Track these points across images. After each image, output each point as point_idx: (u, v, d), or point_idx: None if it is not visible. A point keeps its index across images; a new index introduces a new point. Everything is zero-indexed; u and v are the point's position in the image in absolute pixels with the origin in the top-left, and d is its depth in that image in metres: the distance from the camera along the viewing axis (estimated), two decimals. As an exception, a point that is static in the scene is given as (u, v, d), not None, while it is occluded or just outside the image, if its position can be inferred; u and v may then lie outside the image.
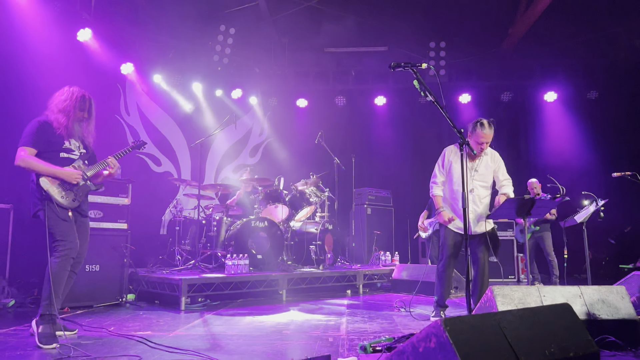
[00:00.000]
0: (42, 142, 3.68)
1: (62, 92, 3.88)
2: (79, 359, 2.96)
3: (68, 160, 3.80)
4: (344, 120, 9.99)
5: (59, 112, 3.79)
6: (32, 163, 3.62)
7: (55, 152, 3.74)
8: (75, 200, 3.77)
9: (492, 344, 2.10)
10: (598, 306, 3.31)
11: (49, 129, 3.74)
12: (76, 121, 3.85)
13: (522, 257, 8.67)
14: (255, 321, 4.51)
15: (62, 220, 3.66)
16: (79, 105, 3.85)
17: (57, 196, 3.66)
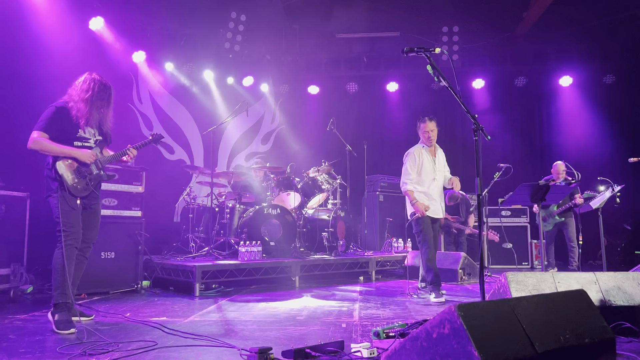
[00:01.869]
0: (55, 129, 3.67)
1: (83, 80, 3.85)
2: (96, 344, 3.01)
3: (82, 148, 3.80)
4: (355, 107, 9.94)
5: (79, 101, 3.76)
6: (44, 144, 3.60)
7: (69, 141, 3.73)
8: (86, 189, 3.75)
9: (506, 330, 2.09)
10: (613, 292, 3.28)
11: (65, 116, 3.72)
12: (95, 109, 3.82)
13: (537, 244, 8.61)
14: (269, 307, 4.54)
15: (71, 209, 3.66)
16: (99, 94, 3.82)
17: (70, 182, 3.65)
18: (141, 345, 3.01)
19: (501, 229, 8.18)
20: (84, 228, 3.81)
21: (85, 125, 3.79)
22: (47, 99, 6.27)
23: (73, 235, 3.68)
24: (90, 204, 3.87)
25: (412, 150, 5.24)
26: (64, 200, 3.63)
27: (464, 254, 6.72)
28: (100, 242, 5.27)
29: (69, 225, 3.65)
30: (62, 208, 3.62)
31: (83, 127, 3.79)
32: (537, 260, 8.58)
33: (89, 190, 3.78)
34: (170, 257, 6.30)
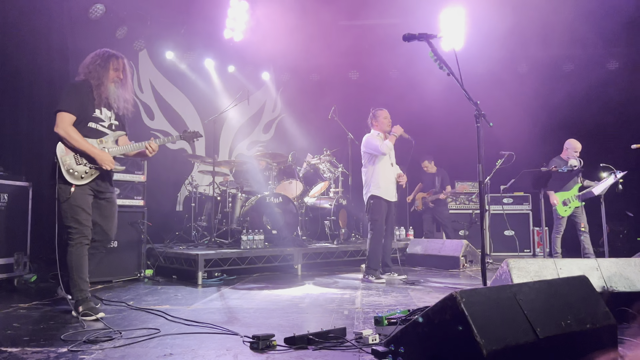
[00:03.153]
0: (78, 107, 3.48)
1: (94, 54, 3.66)
2: (100, 331, 3.03)
3: (96, 132, 3.59)
4: (357, 95, 9.89)
5: (89, 74, 3.57)
6: (72, 135, 3.43)
7: (85, 120, 3.53)
8: (84, 177, 3.51)
9: (508, 316, 2.10)
10: (615, 279, 3.28)
11: (83, 92, 3.53)
12: (110, 82, 3.61)
13: (539, 231, 8.62)
14: (272, 295, 4.56)
15: (73, 202, 3.46)
16: (111, 65, 3.61)
17: (66, 167, 3.44)
18: (144, 332, 3.02)
19: (503, 216, 8.18)
20: (100, 218, 3.66)
21: (99, 103, 3.59)
22: (48, 89, 6.28)
23: (83, 230, 3.51)
24: (100, 193, 3.66)
25: (372, 136, 5.60)
26: (60, 190, 3.46)
27: (465, 241, 6.74)
28: (102, 231, 5.31)
29: (77, 221, 3.49)
30: (66, 201, 3.46)
31: (98, 106, 3.59)
32: (539, 247, 8.59)
33: (85, 180, 3.53)
34: (173, 246, 6.33)
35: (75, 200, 3.49)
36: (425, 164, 8.53)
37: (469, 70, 8.98)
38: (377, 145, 5.47)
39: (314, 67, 9.89)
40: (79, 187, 3.51)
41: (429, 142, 8.72)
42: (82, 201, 3.53)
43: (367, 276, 5.45)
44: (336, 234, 7.07)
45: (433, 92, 8.86)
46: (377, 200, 5.48)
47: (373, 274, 5.40)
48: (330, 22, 9.19)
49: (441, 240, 7.31)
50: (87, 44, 6.76)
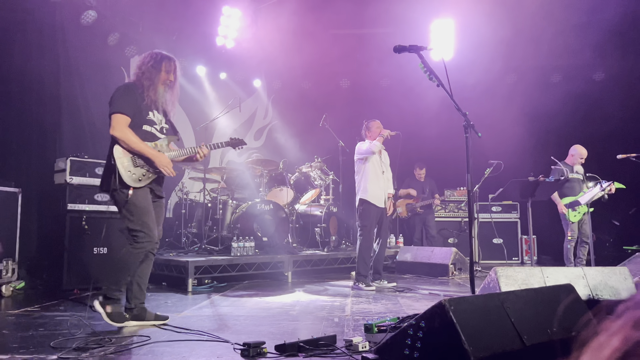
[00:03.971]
0: (133, 109, 3.39)
1: (146, 56, 3.59)
2: (90, 338, 3.02)
3: (151, 135, 3.52)
4: (348, 103, 9.96)
5: (142, 76, 3.49)
6: (130, 137, 3.33)
7: (139, 123, 3.45)
8: (142, 179, 3.42)
9: (496, 324, 2.14)
10: (601, 287, 3.34)
11: (135, 94, 3.45)
12: (161, 85, 3.54)
13: (527, 239, 8.70)
14: (262, 302, 4.57)
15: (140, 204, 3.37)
16: (164, 67, 3.53)
17: (124, 170, 3.34)
18: (134, 340, 3.02)
19: (492, 224, 8.26)
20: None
21: (152, 106, 3.52)
22: (38, 95, 6.26)
23: (151, 236, 3.43)
24: (155, 196, 3.61)
25: (363, 143, 5.69)
26: (118, 194, 3.35)
27: (454, 249, 6.80)
28: (93, 238, 5.29)
29: (142, 224, 3.38)
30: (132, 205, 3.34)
31: (151, 108, 3.52)
32: (527, 255, 8.67)
33: (143, 183, 3.43)
34: (163, 253, 6.30)
35: (139, 201, 3.40)
36: (418, 170, 8.59)
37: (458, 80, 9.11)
38: (367, 147, 5.55)
39: (305, 75, 9.95)
40: (138, 189, 3.41)
41: (419, 150, 8.81)
42: (146, 202, 3.45)
43: (357, 283, 5.47)
44: (327, 241, 7.10)
45: (423, 101, 8.94)
46: (366, 205, 5.52)
47: (363, 281, 5.42)
48: (321, 31, 9.27)
49: (430, 247, 7.37)
50: (78, 50, 6.78)
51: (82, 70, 6.85)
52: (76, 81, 6.72)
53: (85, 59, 6.91)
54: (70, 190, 5.25)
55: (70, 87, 6.63)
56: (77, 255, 5.19)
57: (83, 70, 6.86)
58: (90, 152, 6.03)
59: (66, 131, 6.47)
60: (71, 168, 5.29)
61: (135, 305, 3.50)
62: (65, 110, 6.51)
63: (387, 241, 6.19)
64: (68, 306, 4.30)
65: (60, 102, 6.45)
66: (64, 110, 6.49)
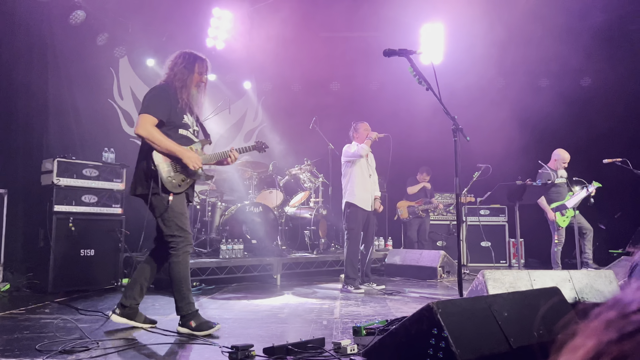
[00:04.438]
0: (165, 112, 3.30)
1: (177, 56, 3.52)
2: (76, 341, 2.99)
3: (187, 139, 3.46)
4: (338, 106, 9.97)
5: (174, 77, 3.41)
6: (155, 135, 3.23)
7: (174, 127, 3.38)
8: (181, 185, 3.38)
9: (483, 326, 2.15)
10: (587, 290, 3.38)
11: (172, 97, 3.36)
12: (194, 87, 3.48)
13: (514, 242, 8.76)
14: (251, 305, 4.56)
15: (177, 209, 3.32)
16: (197, 68, 3.48)
17: (165, 175, 3.29)
18: (121, 342, 3.00)
19: (479, 227, 8.31)
20: None
21: (185, 109, 3.44)
22: (26, 96, 6.19)
23: (189, 239, 3.40)
24: (191, 197, 3.60)
25: (351, 146, 5.72)
26: (158, 201, 3.30)
27: (443, 252, 6.83)
28: (80, 240, 5.25)
29: (182, 229, 3.34)
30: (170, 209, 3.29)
31: (184, 111, 3.44)
32: (514, 258, 8.74)
33: (182, 189, 3.41)
34: (151, 255, 6.26)
35: (177, 207, 3.36)
36: (425, 175, 8.62)
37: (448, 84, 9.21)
38: (355, 150, 5.56)
39: (295, 78, 9.95)
40: (177, 195, 3.38)
41: (408, 153, 8.84)
42: (183, 207, 3.42)
43: (346, 286, 5.48)
44: (316, 244, 7.10)
45: (413, 105, 8.99)
46: (353, 208, 5.54)
47: (352, 284, 5.43)
48: (312, 34, 9.28)
49: (419, 250, 7.40)
50: (67, 51, 6.73)
51: (71, 71, 6.79)
52: (64, 82, 6.66)
53: (73, 60, 6.85)
54: (57, 191, 5.20)
55: (58, 87, 6.57)
56: (64, 257, 5.13)
57: (71, 70, 6.80)
58: (78, 153, 5.98)
59: (53, 132, 6.41)
60: (58, 169, 5.24)
61: (130, 305, 3.47)
62: (53, 111, 6.45)
63: (374, 244, 6.20)
64: (54, 309, 4.25)
65: (47, 102, 6.39)
66: (52, 110, 6.43)
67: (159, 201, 3.31)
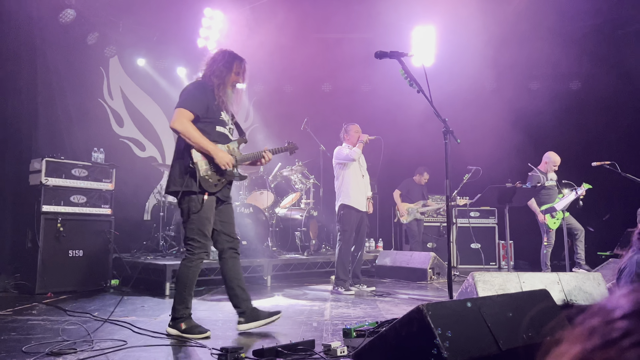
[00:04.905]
0: (202, 107, 3.31)
1: (216, 53, 3.54)
2: (63, 343, 2.96)
3: (224, 136, 3.47)
4: (329, 107, 9.98)
5: (212, 74, 3.42)
6: (191, 130, 3.22)
7: (212, 124, 3.38)
8: (217, 185, 3.37)
9: (472, 329, 2.16)
10: (575, 292, 3.40)
11: (209, 93, 3.37)
12: (230, 86, 3.48)
13: (504, 244, 8.81)
14: (240, 306, 4.53)
15: (203, 214, 3.29)
16: (235, 67, 3.48)
17: (202, 173, 3.27)
18: (109, 344, 2.97)
19: (469, 229, 8.35)
20: (224, 221, 3.51)
21: (222, 107, 3.45)
22: (13, 94, 6.13)
23: (206, 246, 3.37)
24: (225, 197, 3.56)
25: (343, 148, 5.71)
26: (192, 200, 3.27)
27: (433, 254, 6.85)
28: (68, 240, 5.20)
29: (202, 234, 3.31)
30: (197, 213, 3.26)
31: (222, 109, 3.45)
32: (504, 260, 8.79)
33: (218, 188, 3.39)
34: (140, 256, 6.23)
35: (205, 211, 3.32)
36: (425, 175, 8.50)
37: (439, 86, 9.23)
38: (347, 154, 5.56)
39: (287, 79, 9.95)
40: (210, 196, 3.35)
41: (399, 155, 8.87)
42: (210, 212, 3.38)
43: (336, 287, 5.48)
44: (307, 245, 7.09)
45: (404, 106, 9.02)
46: (347, 209, 5.55)
47: (342, 285, 5.43)
48: (304, 35, 9.28)
49: (410, 252, 7.41)
50: (56, 49, 6.67)
51: (60, 70, 6.74)
52: (54, 81, 6.61)
53: (63, 59, 6.80)
54: (46, 191, 5.15)
55: (48, 86, 6.51)
56: (52, 257, 5.08)
57: (61, 69, 6.75)
58: (67, 153, 5.93)
59: (42, 131, 6.35)
60: (47, 169, 5.18)
61: (247, 308, 3.46)
62: (42, 110, 6.39)
63: (364, 244, 6.17)
64: (41, 310, 4.21)
65: (37, 102, 6.33)
66: (41, 109, 6.37)
67: (193, 201, 3.29)
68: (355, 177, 5.62)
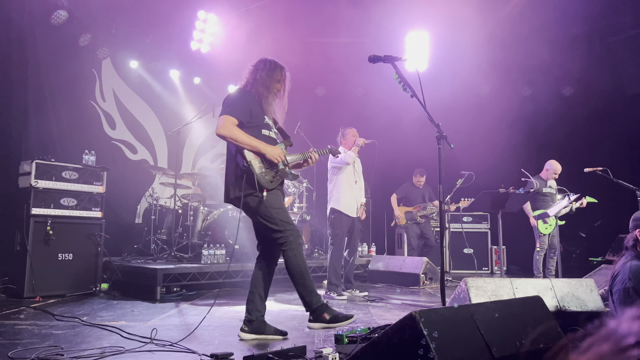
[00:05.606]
0: (246, 113, 3.37)
1: (259, 61, 3.62)
2: (50, 348, 2.91)
3: (269, 139, 3.51)
4: (323, 111, 9.97)
5: (255, 82, 3.49)
6: (237, 133, 3.27)
7: (257, 127, 3.44)
8: (272, 182, 3.39)
9: (465, 336, 2.14)
10: (568, 298, 3.40)
11: (252, 100, 3.44)
12: (273, 95, 3.56)
13: (496, 249, 8.82)
14: (232, 311, 4.50)
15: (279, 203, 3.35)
16: (275, 76, 3.56)
17: (258, 171, 3.31)
18: (97, 351, 2.93)
19: (462, 234, 8.35)
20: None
21: (266, 112, 3.51)
22: (3, 96, 6.07)
23: (296, 229, 3.40)
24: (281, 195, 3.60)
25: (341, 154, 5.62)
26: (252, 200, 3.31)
27: (425, 259, 6.83)
28: (58, 243, 5.14)
29: (286, 223, 3.35)
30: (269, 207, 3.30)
31: (266, 113, 3.51)
32: (496, 265, 8.79)
33: (274, 185, 3.41)
34: (131, 259, 6.17)
35: (276, 202, 3.39)
36: (418, 177, 8.38)
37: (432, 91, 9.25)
38: (342, 157, 5.54)
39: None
40: (271, 191, 3.38)
41: (393, 159, 8.87)
42: (280, 202, 3.45)
43: (329, 292, 5.45)
44: (299, 249, 7.05)
45: (397, 111, 9.03)
46: (337, 214, 5.53)
47: (335, 290, 5.41)
48: (298, 39, 9.27)
49: (402, 257, 7.40)
50: (48, 51, 6.61)
51: (52, 72, 6.68)
52: (45, 82, 6.55)
53: (55, 60, 6.74)
54: (35, 194, 5.08)
55: (39, 88, 6.45)
56: (41, 261, 5.02)
57: (52, 71, 6.69)
58: (58, 155, 5.87)
59: (32, 133, 6.29)
60: (37, 171, 5.12)
61: (256, 318, 3.42)
62: (32, 111, 6.33)
63: (357, 248, 6.14)
64: (29, 314, 4.15)
65: (27, 103, 6.27)
66: (31, 111, 6.31)
67: (256, 200, 3.32)
68: (348, 182, 5.60)
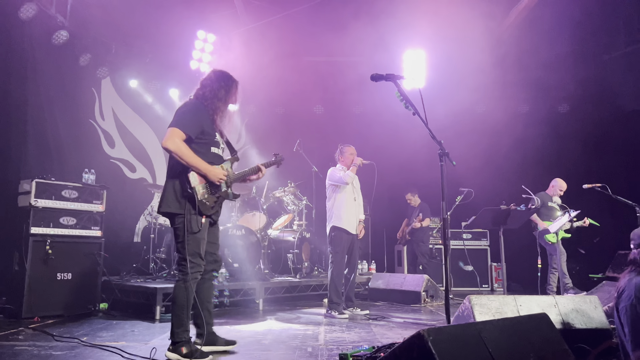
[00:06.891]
0: (196, 128, 3.27)
1: (210, 73, 3.54)
2: (51, 370, 2.86)
3: (218, 157, 3.47)
4: (322, 129, 10.01)
5: (209, 94, 3.41)
6: (183, 150, 3.18)
7: (207, 145, 3.36)
8: (213, 207, 3.37)
9: (474, 354, 2.12)
10: (572, 315, 3.38)
11: (205, 115, 3.34)
12: (224, 106, 3.49)
13: (497, 266, 8.80)
14: (233, 330, 4.45)
15: (199, 235, 3.28)
16: (232, 90, 3.51)
17: (200, 197, 3.25)
18: (99, 371, 2.89)
19: (464, 251, 8.33)
20: (211, 242, 3.51)
21: (217, 128, 3.44)
22: (3, 114, 6.07)
23: (201, 265, 3.31)
24: (216, 219, 3.56)
25: (336, 169, 5.71)
26: (191, 221, 3.23)
27: (426, 277, 6.80)
28: (57, 263, 5.09)
29: (196, 254, 3.26)
30: (190, 231, 3.23)
31: (218, 130, 3.45)
32: (497, 282, 8.76)
33: (214, 210, 3.40)
34: (130, 279, 6.12)
35: (202, 233, 3.31)
36: (409, 196, 8.52)
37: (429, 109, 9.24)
38: (341, 176, 5.54)
39: (279, 100, 9.98)
40: (206, 218, 3.35)
41: (391, 177, 8.88)
42: (205, 233, 3.37)
43: (329, 311, 5.41)
44: (299, 267, 7.02)
45: (395, 129, 9.08)
46: (338, 232, 5.51)
47: (336, 309, 5.37)
48: (296, 57, 9.36)
49: (402, 275, 7.36)
50: (48, 70, 6.65)
51: (51, 91, 6.70)
52: (45, 101, 6.56)
53: (55, 80, 6.77)
54: (35, 213, 5.05)
55: (38, 107, 6.46)
56: (39, 281, 4.96)
57: (52, 90, 6.71)
58: (57, 174, 5.85)
59: (32, 152, 6.28)
60: (36, 190, 5.10)
61: (209, 331, 3.43)
62: (32, 131, 6.33)
63: (357, 267, 6.10)
64: (28, 335, 4.09)
65: (26, 122, 6.28)
66: (30, 130, 6.31)
67: (192, 222, 3.25)
68: (347, 199, 5.60)
